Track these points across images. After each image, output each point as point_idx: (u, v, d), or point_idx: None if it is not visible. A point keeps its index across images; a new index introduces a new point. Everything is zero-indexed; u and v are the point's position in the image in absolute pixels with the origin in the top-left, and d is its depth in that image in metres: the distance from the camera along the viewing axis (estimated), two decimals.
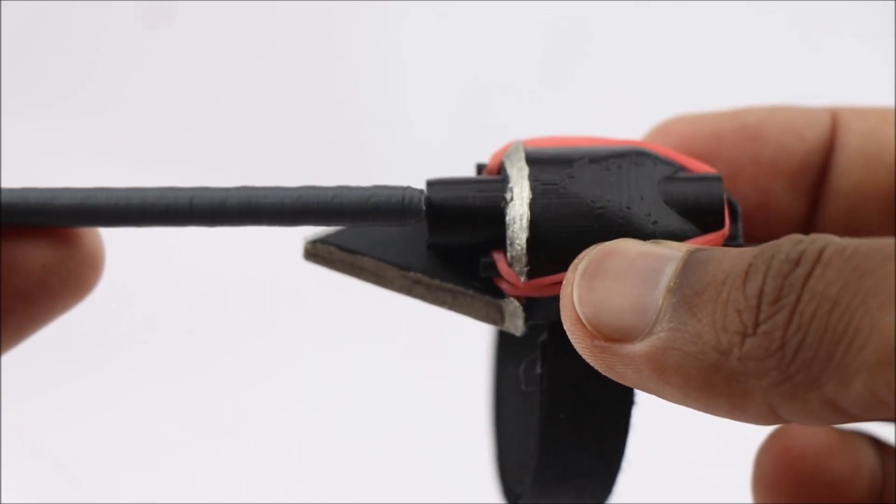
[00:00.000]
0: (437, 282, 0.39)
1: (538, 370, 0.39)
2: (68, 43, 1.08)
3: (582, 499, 0.40)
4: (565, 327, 0.36)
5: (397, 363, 0.89)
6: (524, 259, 0.37)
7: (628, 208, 0.38)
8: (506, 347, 0.47)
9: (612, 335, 0.35)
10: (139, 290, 0.94)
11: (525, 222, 0.37)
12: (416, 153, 1.02)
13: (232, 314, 0.94)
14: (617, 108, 1.01)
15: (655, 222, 0.38)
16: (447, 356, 0.89)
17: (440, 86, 1.06)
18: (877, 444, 0.45)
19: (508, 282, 0.38)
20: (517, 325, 0.39)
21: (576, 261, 0.36)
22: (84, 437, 0.86)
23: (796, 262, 0.33)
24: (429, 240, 0.39)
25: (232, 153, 1.04)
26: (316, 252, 0.40)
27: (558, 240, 0.37)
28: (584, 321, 0.35)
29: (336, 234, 0.40)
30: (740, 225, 0.40)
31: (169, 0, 1.07)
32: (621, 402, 0.39)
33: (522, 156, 0.38)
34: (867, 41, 1.02)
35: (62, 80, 1.07)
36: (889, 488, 0.44)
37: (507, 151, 0.39)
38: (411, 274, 0.39)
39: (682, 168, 0.39)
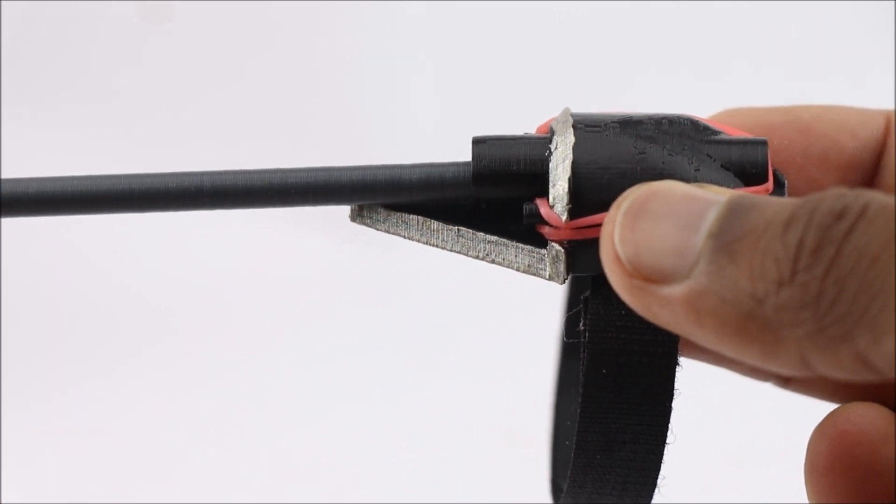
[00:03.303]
0: (480, 234, 0.40)
1: (581, 327, 0.39)
2: (67, 42, 1.08)
3: (630, 477, 0.40)
4: (603, 264, 0.36)
5: (409, 370, 0.89)
6: (566, 198, 0.38)
7: (670, 155, 0.38)
8: (568, 353, 0.48)
9: (650, 276, 0.35)
10: (144, 293, 0.94)
11: (568, 163, 0.38)
12: (415, 153, 1.02)
13: (239, 321, 0.94)
14: (616, 107, 1.02)
15: (698, 169, 0.38)
16: (452, 364, 0.89)
17: (440, 85, 1.07)
18: None
19: (550, 225, 0.39)
20: (559, 271, 0.39)
21: (619, 199, 0.36)
22: (84, 439, 0.85)
23: (839, 216, 0.33)
24: (474, 194, 0.40)
25: (230, 151, 1.04)
26: (362, 213, 0.41)
27: (600, 181, 0.38)
28: (624, 260, 0.35)
29: None
30: (786, 195, 0.40)
31: None
32: (665, 359, 0.39)
33: (569, 117, 0.40)
34: (867, 41, 1.02)
35: (61, 78, 1.08)
36: None
37: (555, 118, 0.40)
38: (455, 227, 0.40)
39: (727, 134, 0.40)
